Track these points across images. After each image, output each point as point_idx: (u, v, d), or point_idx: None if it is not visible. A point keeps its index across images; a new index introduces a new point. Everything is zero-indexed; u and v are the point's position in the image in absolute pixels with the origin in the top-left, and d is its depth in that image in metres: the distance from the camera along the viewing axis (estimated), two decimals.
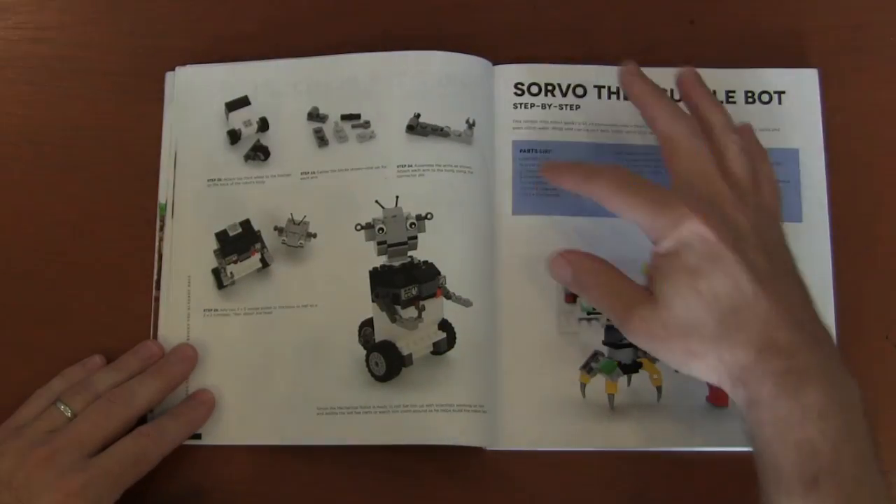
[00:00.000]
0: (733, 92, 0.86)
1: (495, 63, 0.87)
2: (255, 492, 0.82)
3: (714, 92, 0.85)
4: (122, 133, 0.88)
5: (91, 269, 0.86)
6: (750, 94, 0.86)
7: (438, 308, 0.81)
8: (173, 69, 0.88)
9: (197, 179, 0.86)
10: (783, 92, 0.86)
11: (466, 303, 0.81)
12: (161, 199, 0.86)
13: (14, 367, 0.84)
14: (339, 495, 0.81)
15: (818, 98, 0.86)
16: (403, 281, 0.81)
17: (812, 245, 0.83)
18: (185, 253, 0.84)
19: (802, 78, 0.87)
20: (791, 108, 0.86)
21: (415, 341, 0.81)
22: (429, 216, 0.81)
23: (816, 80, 0.87)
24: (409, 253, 0.81)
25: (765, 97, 0.86)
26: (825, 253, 0.83)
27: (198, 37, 0.91)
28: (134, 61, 0.90)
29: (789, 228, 0.82)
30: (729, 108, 0.84)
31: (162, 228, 0.85)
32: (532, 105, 0.86)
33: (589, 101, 0.87)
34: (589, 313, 0.83)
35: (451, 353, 0.80)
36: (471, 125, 0.84)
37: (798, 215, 0.84)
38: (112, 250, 0.86)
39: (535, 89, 0.87)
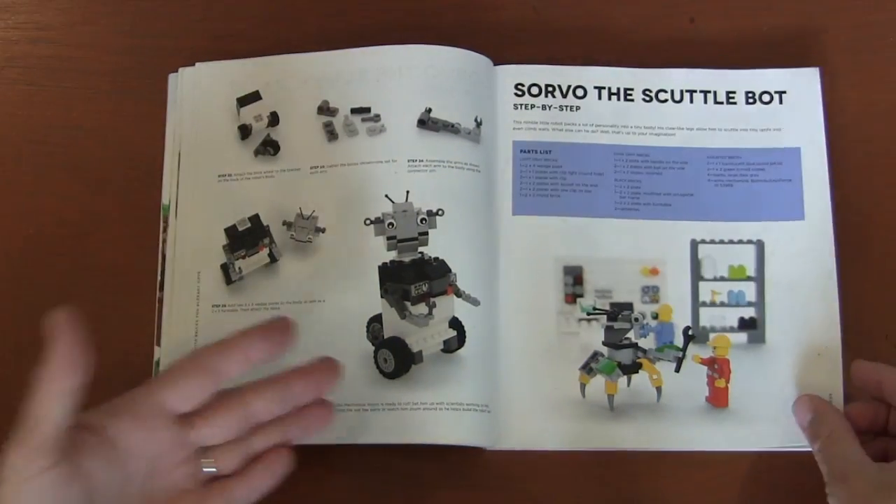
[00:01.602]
0: (734, 93, 0.86)
1: (496, 64, 0.87)
2: None
3: (714, 93, 0.86)
4: (122, 133, 0.88)
5: (92, 269, 0.86)
6: (751, 95, 0.86)
7: (449, 306, 0.81)
8: (175, 70, 0.88)
9: (207, 175, 0.85)
10: (784, 92, 0.86)
11: (475, 302, 0.80)
12: (164, 199, 0.86)
13: (14, 367, 0.84)
14: (338, 495, 0.81)
15: (819, 97, 0.86)
16: (413, 277, 0.80)
17: (814, 242, 0.83)
18: (195, 249, 0.84)
19: (803, 77, 0.87)
20: (792, 107, 0.86)
21: (425, 338, 0.80)
22: (440, 212, 0.81)
23: (817, 79, 0.86)
24: (420, 249, 0.81)
25: (766, 97, 0.86)
26: (828, 250, 0.83)
27: (198, 36, 0.91)
28: (134, 61, 0.90)
29: (792, 226, 0.82)
30: (729, 108, 0.86)
31: (165, 230, 0.85)
32: (532, 106, 0.86)
33: (589, 102, 0.87)
34: (589, 314, 0.83)
35: (461, 352, 0.80)
36: (479, 124, 0.84)
37: (800, 213, 0.83)
38: (113, 251, 0.86)
39: (535, 90, 0.87)
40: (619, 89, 0.87)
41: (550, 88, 0.87)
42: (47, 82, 0.90)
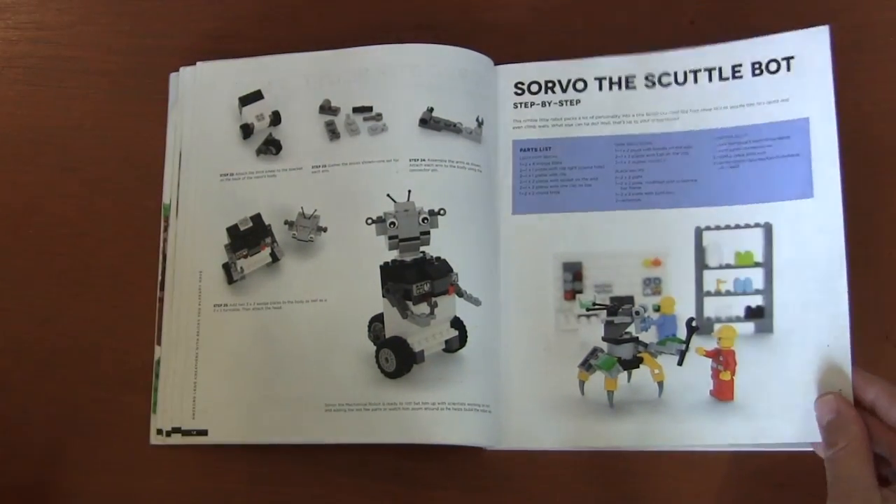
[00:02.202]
0: (739, 65, 0.84)
1: (496, 63, 0.87)
2: (256, 492, 0.82)
3: (720, 69, 0.85)
4: (122, 133, 0.89)
5: (91, 269, 0.86)
6: (757, 66, 0.84)
7: (451, 305, 0.81)
8: (175, 69, 0.88)
9: (209, 175, 0.85)
10: (792, 57, 0.83)
11: (476, 301, 0.81)
12: (165, 199, 0.86)
13: (14, 367, 0.84)
14: (338, 495, 0.81)
15: (829, 57, 0.82)
16: (415, 276, 0.80)
17: (824, 221, 0.79)
18: (197, 248, 0.84)
19: (812, 38, 0.83)
20: (801, 73, 0.83)
21: (426, 338, 0.80)
22: (442, 212, 0.81)
23: (827, 38, 0.82)
24: (421, 248, 0.81)
25: (773, 66, 0.83)
26: (838, 229, 0.79)
27: (198, 36, 0.91)
28: (134, 61, 0.90)
29: (801, 205, 0.80)
30: (735, 83, 0.83)
31: (166, 229, 0.85)
32: (532, 104, 0.86)
33: (589, 94, 0.86)
34: (588, 309, 0.82)
35: (463, 352, 0.80)
36: (480, 123, 0.84)
37: (809, 191, 0.80)
38: (113, 250, 0.86)
39: (535, 87, 0.87)
40: (620, 78, 0.86)
41: (550, 84, 0.87)
42: (47, 82, 0.90)
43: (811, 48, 0.82)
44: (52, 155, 0.89)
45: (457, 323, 0.81)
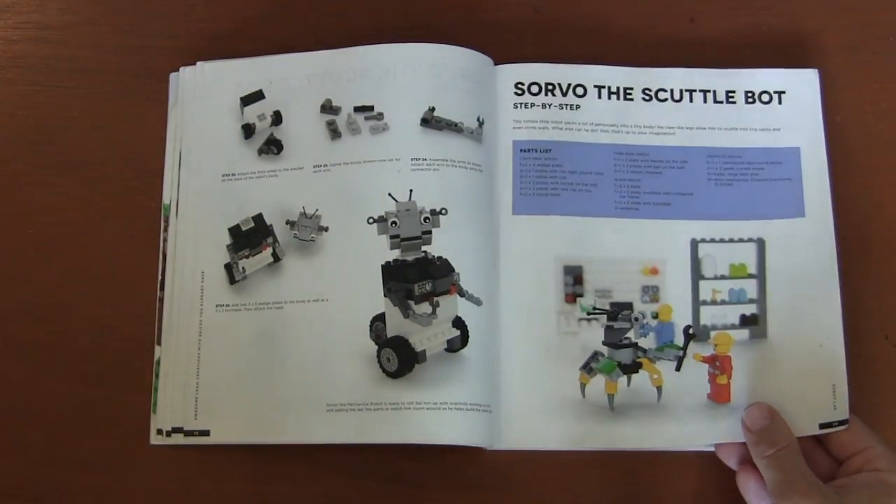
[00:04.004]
0: (733, 92, 0.86)
1: (496, 63, 0.87)
2: (256, 492, 0.82)
3: (714, 92, 0.86)
4: (123, 133, 0.88)
5: (91, 269, 0.86)
6: (750, 94, 0.86)
7: (453, 305, 0.81)
8: (176, 69, 0.88)
9: (211, 175, 0.85)
10: (783, 92, 0.86)
11: (478, 301, 0.81)
12: (165, 199, 0.86)
13: (14, 367, 0.84)
14: (338, 495, 0.81)
15: (818, 98, 0.86)
16: (417, 276, 0.80)
17: (816, 239, 0.83)
18: (199, 249, 0.84)
19: (802, 78, 0.87)
20: (791, 107, 0.86)
21: (428, 338, 0.80)
22: (443, 211, 0.81)
23: (817, 81, 0.86)
24: (423, 248, 0.81)
25: (765, 97, 0.86)
26: (829, 246, 0.83)
27: (198, 36, 0.91)
28: (134, 61, 0.90)
29: (792, 224, 0.82)
30: (729, 108, 0.86)
31: (166, 229, 0.85)
32: (532, 105, 0.86)
33: (589, 100, 0.87)
34: (589, 313, 0.82)
35: (464, 351, 0.80)
36: (481, 123, 0.84)
37: (801, 211, 0.83)
38: (113, 250, 0.86)
39: (535, 89, 0.87)
40: (618, 88, 0.87)
41: (550, 87, 0.87)
42: (47, 82, 0.90)
43: (801, 87, 0.86)
44: (52, 155, 0.88)
45: (458, 323, 0.81)
